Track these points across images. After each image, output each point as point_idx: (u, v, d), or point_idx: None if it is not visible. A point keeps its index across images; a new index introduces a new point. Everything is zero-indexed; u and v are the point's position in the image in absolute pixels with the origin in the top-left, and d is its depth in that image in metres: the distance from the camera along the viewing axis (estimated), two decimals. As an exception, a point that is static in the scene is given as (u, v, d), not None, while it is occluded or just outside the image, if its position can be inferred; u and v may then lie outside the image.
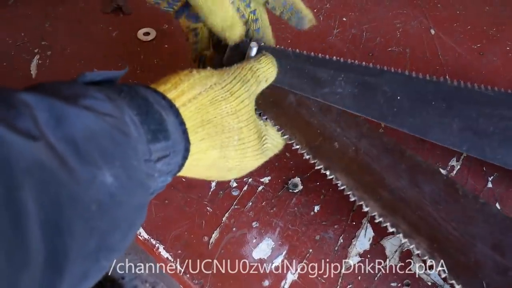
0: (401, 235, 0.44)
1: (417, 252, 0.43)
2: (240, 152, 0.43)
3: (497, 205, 0.51)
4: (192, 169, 0.40)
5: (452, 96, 0.51)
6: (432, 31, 0.63)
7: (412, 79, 0.51)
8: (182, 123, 0.37)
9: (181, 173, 0.40)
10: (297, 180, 0.54)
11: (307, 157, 0.48)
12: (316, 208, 0.52)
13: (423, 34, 0.63)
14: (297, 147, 0.48)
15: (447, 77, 0.58)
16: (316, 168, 0.47)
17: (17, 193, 0.24)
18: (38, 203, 0.25)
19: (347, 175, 0.47)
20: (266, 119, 0.48)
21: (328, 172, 0.47)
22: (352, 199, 0.46)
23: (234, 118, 0.42)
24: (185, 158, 0.38)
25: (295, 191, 0.53)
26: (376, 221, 0.45)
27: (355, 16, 0.65)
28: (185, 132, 0.37)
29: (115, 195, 0.29)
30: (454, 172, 0.53)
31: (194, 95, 0.39)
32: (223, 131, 0.41)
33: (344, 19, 0.65)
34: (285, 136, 0.48)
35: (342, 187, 0.46)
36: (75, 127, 0.28)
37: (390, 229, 0.44)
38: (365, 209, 0.45)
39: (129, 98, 0.35)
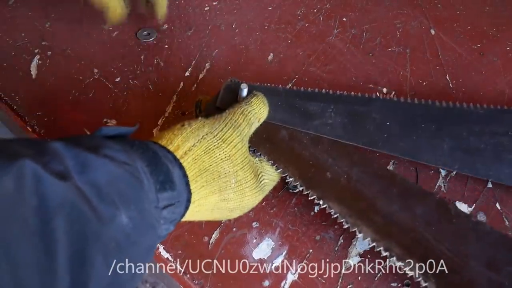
0: (394, 258, 0.45)
1: (411, 274, 0.44)
2: (239, 193, 0.45)
3: (497, 205, 0.51)
4: (196, 214, 0.43)
5: (441, 117, 0.52)
6: (432, 31, 0.63)
7: (400, 104, 0.53)
8: (185, 175, 0.40)
9: (186, 218, 0.42)
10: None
11: (300, 188, 0.49)
12: (316, 208, 0.52)
13: (423, 34, 0.63)
14: (291, 179, 0.49)
15: (436, 100, 0.58)
16: (309, 198, 0.48)
17: (50, 225, 0.28)
18: (68, 236, 0.29)
19: (340, 203, 0.48)
20: (260, 155, 0.49)
21: (321, 202, 0.48)
22: (346, 226, 0.47)
23: (229, 163, 0.44)
24: (186, 208, 0.40)
25: (295, 191, 0.53)
26: (370, 246, 0.46)
27: (355, 16, 0.65)
28: (187, 183, 0.40)
29: (129, 235, 0.33)
30: (454, 173, 0.53)
31: (189, 147, 0.42)
32: (220, 177, 0.43)
33: (344, 19, 0.65)
34: (279, 170, 0.49)
35: (335, 215, 0.47)
36: (98, 172, 0.32)
37: (384, 253, 0.45)
38: (359, 235, 0.46)
39: (141, 151, 0.38)
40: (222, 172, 0.43)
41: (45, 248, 0.28)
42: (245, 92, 0.50)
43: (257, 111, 0.49)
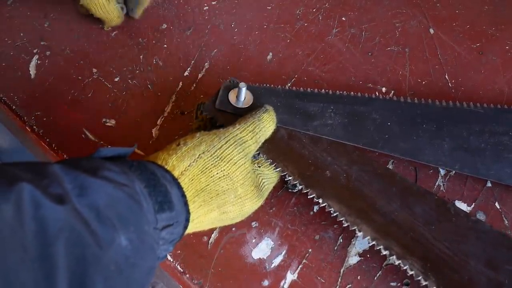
0: (394, 257, 0.45)
1: (411, 272, 0.44)
2: (238, 206, 0.45)
3: (496, 204, 0.51)
4: (197, 228, 0.44)
5: (441, 117, 0.52)
6: (432, 31, 0.63)
7: (400, 104, 0.53)
8: (183, 195, 0.40)
9: (188, 231, 0.42)
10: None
11: (300, 187, 0.49)
12: (316, 208, 0.52)
13: (423, 34, 0.63)
14: (290, 178, 0.49)
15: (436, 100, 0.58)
16: (309, 197, 0.48)
17: (50, 249, 0.28)
18: (67, 260, 0.29)
19: (339, 202, 0.48)
20: (259, 154, 0.49)
21: (321, 200, 0.48)
22: (345, 224, 0.47)
23: (227, 181, 0.43)
24: (185, 227, 0.41)
25: (295, 191, 0.53)
26: (369, 244, 0.46)
27: (354, 16, 0.65)
28: (186, 203, 0.40)
29: (129, 257, 0.33)
30: (453, 172, 0.53)
31: (185, 168, 0.42)
32: (218, 195, 0.43)
33: (343, 18, 0.65)
34: (278, 169, 0.49)
35: (335, 214, 0.47)
36: (96, 195, 0.32)
37: (384, 252, 0.45)
38: (358, 234, 0.46)
39: (139, 172, 0.38)
40: (220, 190, 0.43)
41: (45, 274, 0.28)
42: (243, 91, 0.50)
43: (266, 128, 0.48)
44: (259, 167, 0.49)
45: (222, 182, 0.43)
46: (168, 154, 0.42)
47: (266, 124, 0.48)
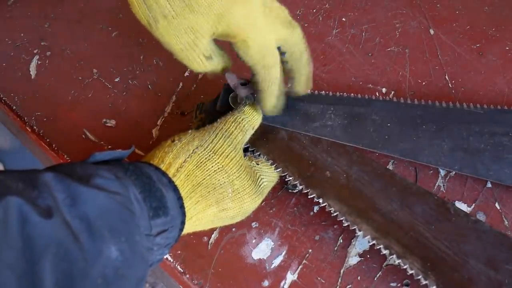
0: (394, 256, 0.45)
1: (411, 272, 0.44)
2: (238, 201, 0.45)
3: (496, 205, 0.51)
4: (196, 227, 0.43)
5: (441, 117, 0.52)
6: (432, 31, 0.63)
7: (400, 105, 0.53)
8: (179, 198, 0.40)
9: (187, 231, 0.42)
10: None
11: (300, 187, 0.49)
12: (316, 208, 0.52)
13: (423, 34, 0.63)
14: (290, 178, 0.49)
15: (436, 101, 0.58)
16: (309, 197, 0.49)
17: (37, 268, 0.28)
18: (54, 277, 0.28)
19: (339, 201, 0.48)
20: (259, 155, 0.50)
21: (321, 200, 0.48)
22: (345, 224, 0.47)
23: (223, 174, 0.44)
24: (181, 230, 0.40)
25: (295, 191, 0.53)
26: (369, 244, 0.46)
27: (354, 16, 0.65)
28: (182, 206, 0.40)
29: (119, 268, 0.32)
30: (453, 173, 0.53)
31: (180, 164, 0.42)
32: (215, 189, 0.43)
33: (343, 19, 0.65)
34: (278, 169, 0.49)
35: (335, 214, 0.48)
36: (88, 205, 0.32)
37: (384, 251, 0.45)
38: (358, 233, 0.47)
39: (135, 177, 0.38)
40: (217, 184, 0.43)
41: None
42: (232, 77, 0.49)
43: (250, 119, 0.48)
44: (258, 165, 0.49)
45: (218, 175, 0.43)
46: (164, 152, 0.43)
47: (249, 115, 0.48)
